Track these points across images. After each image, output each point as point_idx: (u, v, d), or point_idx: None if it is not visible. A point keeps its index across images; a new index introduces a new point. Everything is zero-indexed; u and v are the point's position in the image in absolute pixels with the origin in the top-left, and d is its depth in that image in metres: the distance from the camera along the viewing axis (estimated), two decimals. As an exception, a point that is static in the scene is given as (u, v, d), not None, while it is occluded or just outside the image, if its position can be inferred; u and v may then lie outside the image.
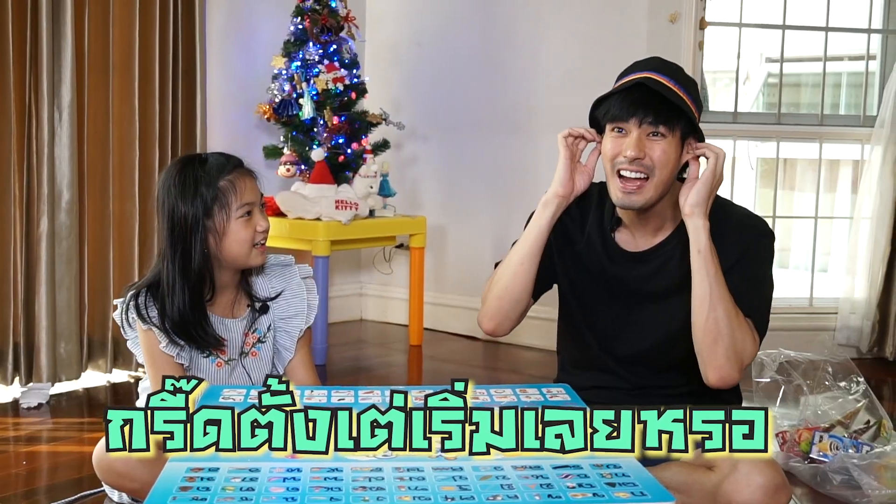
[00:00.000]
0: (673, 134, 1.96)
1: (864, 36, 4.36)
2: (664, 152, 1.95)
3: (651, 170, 1.95)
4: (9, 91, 3.32)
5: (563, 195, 2.06)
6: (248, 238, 2.11)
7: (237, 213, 2.10)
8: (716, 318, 1.90)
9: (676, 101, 1.94)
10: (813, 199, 4.53)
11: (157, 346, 2.07)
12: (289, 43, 4.20)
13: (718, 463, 1.86)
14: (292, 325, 2.25)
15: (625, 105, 1.96)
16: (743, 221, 2.08)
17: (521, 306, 2.13)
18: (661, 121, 1.94)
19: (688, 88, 2.00)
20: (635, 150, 1.93)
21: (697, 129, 1.99)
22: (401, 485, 1.36)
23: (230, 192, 2.09)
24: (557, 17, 4.34)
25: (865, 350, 4.22)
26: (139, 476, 1.91)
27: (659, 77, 1.97)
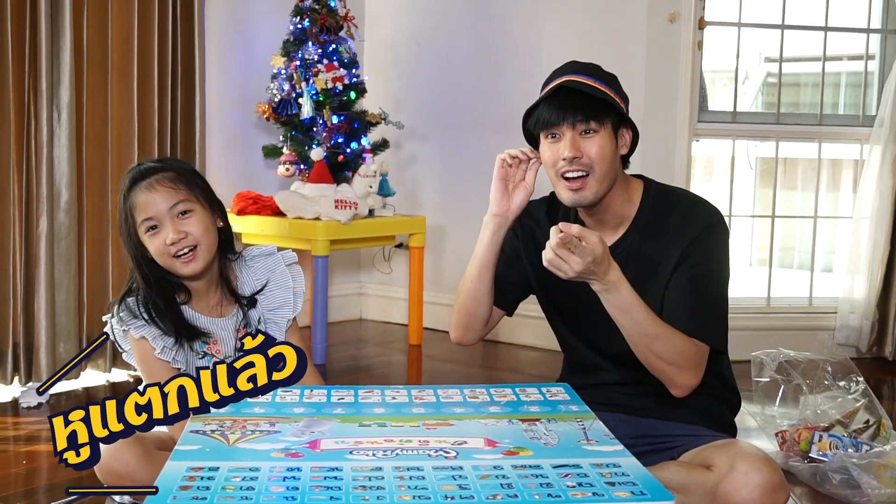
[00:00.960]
0: (604, 127, 2.00)
1: (864, 35, 4.36)
2: (599, 147, 2.00)
3: (590, 166, 2.00)
4: (8, 91, 3.32)
5: (499, 214, 2.12)
6: (160, 252, 2.10)
7: (142, 229, 2.10)
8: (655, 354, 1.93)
9: (600, 95, 1.99)
10: (812, 198, 4.53)
11: (151, 353, 2.08)
12: (288, 42, 4.20)
13: (717, 462, 1.86)
14: (280, 315, 2.26)
15: (552, 110, 2.01)
16: (685, 215, 2.07)
17: (480, 319, 2.20)
18: (590, 116, 1.99)
19: (609, 83, 2.05)
20: (571, 150, 1.99)
21: (627, 118, 2.05)
22: (401, 484, 1.36)
23: (133, 210, 2.10)
24: (556, 16, 4.34)
25: (865, 350, 4.22)
26: (140, 477, 1.91)
27: (578, 78, 2.03)
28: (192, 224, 2.11)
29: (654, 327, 1.91)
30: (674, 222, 2.05)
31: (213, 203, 2.19)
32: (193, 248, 2.10)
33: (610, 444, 1.56)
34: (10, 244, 3.38)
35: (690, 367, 1.94)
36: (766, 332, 4.16)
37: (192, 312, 2.17)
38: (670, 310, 1.98)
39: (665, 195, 2.12)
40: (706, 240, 2.04)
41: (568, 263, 1.83)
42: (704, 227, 2.04)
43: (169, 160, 2.23)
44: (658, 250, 2.04)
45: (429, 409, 1.74)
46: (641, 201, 2.11)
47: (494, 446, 1.53)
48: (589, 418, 1.70)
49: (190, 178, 2.16)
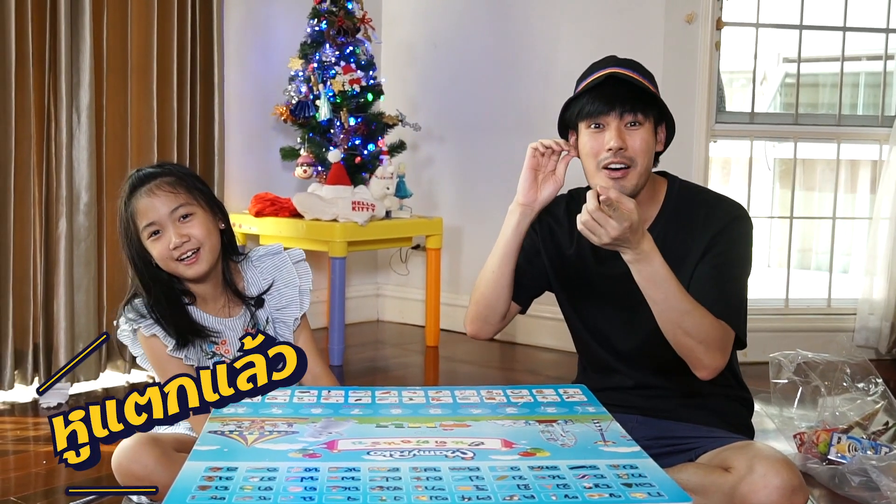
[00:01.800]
0: (649, 121, 2.02)
1: (883, 35, 4.33)
2: (643, 140, 2.01)
3: (633, 159, 2.00)
4: (28, 93, 3.35)
5: (525, 203, 2.09)
6: (163, 256, 2.11)
7: (145, 234, 2.11)
8: (685, 331, 1.90)
9: (645, 88, 2.01)
10: (831, 199, 4.51)
11: (163, 351, 2.09)
12: (305, 45, 4.22)
13: (735, 464, 1.85)
14: (287, 314, 2.26)
15: (601, 100, 2.00)
16: (712, 209, 2.08)
17: (498, 312, 2.18)
18: (637, 108, 2.00)
19: (649, 79, 2.08)
20: (617, 141, 1.98)
21: (668, 115, 2.06)
22: (418, 485, 1.36)
23: (135, 216, 2.11)
24: (573, 17, 4.33)
25: (884, 351, 4.20)
26: (158, 479, 1.91)
27: (623, 70, 2.04)
28: (194, 227, 2.12)
29: (685, 302, 1.89)
30: (698, 217, 2.07)
31: (213, 205, 2.20)
32: (196, 251, 2.12)
33: (627, 445, 1.56)
34: (30, 246, 3.40)
35: (717, 347, 1.92)
36: (785, 333, 4.14)
37: (201, 313, 2.18)
38: (697, 294, 1.96)
39: (689, 192, 2.13)
40: (730, 231, 2.04)
41: (604, 227, 1.81)
42: (729, 220, 2.05)
43: (167, 164, 2.23)
44: (683, 244, 2.04)
45: (446, 410, 1.74)
46: (665, 197, 2.12)
47: (511, 447, 1.53)
48: (606, 419, 1.69)
49: (190, 181, 2.17)
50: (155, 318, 2.12)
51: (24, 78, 3.34)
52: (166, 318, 2.12)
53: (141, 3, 3.68)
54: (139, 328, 2.12)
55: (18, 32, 3.30)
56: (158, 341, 2.10)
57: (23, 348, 3.42)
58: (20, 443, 2.95)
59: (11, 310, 3.35)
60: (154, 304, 2.13)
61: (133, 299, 2.16)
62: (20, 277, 3.38)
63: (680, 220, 2.07)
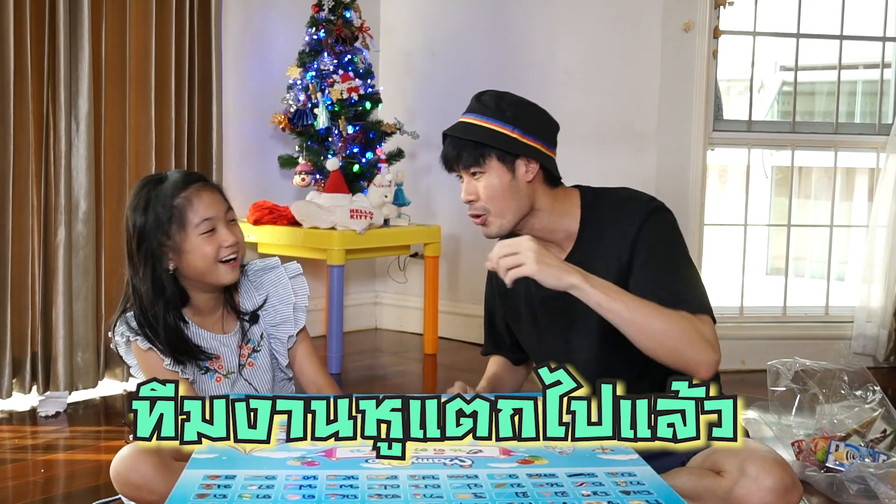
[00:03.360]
0: (488, 167, 2.03)
1: (879, 44, 4.35)
2: (486, 188, 2.03)
3: (485, 207, 2.04)
4: (27, 102, 3.35)
5: None
6: (211, 254, 2.06)
7: (197, 229, 2.06)
8: (664, 336, 1.86)
9: (469, 137, 2.02)
10: (828, 207, 4.51)
11: (159, 364, 2.07)
12: (304, 53, 4.23)
13: (727, 467, 1.85)
14: (281, 331, 2.23)
15: (442, 157, 2.09)
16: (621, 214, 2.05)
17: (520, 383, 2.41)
18: (471, 162, 2.03)
19: (499, 114, 2.03)
20: (465, 194, 2.07)
21: (523, 146, 2.02)
22: (416, 492, 1.36)
23: (187, 208, 2.05)
24: (571, 25, 4.35)
25: (882, 359, 4.20)
26: (157, 488, 1.90)
27: (467, 118, 2.07)
28: (238, 231, 2.13)
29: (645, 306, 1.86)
30: (611, 227, 2.04)
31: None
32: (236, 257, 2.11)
33: (625, 452, 1.56)
34: (28, 254, 3.40)
35: (699, 340, 1.87)
36: (782, 341, 4.15)
37: (196, 329, 2.15)
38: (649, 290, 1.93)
39: (599, 200, 2.09)
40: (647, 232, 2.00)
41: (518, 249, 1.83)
42: (641, 220, 2.01)
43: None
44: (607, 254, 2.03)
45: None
46: (582, 212, 2.10)
47: (510, 455, 1.54)
48: (604, 427, 1.69)
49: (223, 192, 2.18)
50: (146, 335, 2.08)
51: (23, 87, 3.34)
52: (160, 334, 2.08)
53: (139, 12, 3.68)
54: (136, 340, 2.10)
55: (17, 41, 3.31)
56: (154, 356, 2.08)
57: (21, 357, 3.41)
58: (18, 451, 2.94)
59: (10, 318, 3.35)
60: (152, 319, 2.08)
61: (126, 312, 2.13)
62: (19, 286, 3.38)
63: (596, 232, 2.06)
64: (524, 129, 2.04)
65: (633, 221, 2.02)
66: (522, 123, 2.04)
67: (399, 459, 1.40)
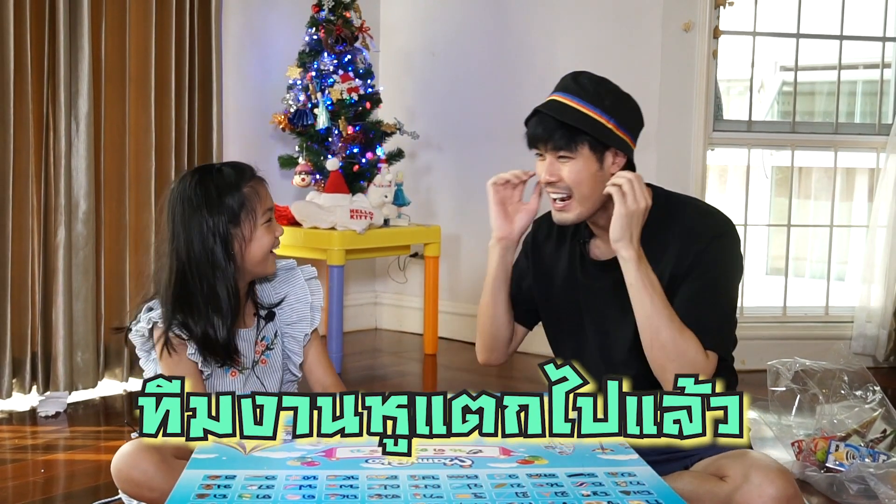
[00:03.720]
0: (578, 153, 2.00)
1: (879, 44, 4.35)
2: (573, 172, 2.00)
3: (569, 188, 2.01)
4: (27, 102, 3.35)
5: (502, 237, 2.18)
6: (270, 244, 2.13)
7: (262, 218, 2.12)
8: (661, 345, 1.91)
9: (570, 122, 1.98)
10: (828, 207, 4.51)
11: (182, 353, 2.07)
12: (304, 53, 4.23)
13: (730, 473, 1.85)
14: (297, 329, 2.26)
15: (530, 133, 2.05)
16: (694, 226, 2.05)
17: (502, 340, 2.27)
18: (562, 144, 2.00)
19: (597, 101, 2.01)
20: (547, 174, 2.02)
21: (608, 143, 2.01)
22: (416, 492, 1.36)
23: (255, 199, 2.11)
24: (571, 25, 4.35)
25: (882, 359, 4.20)
26: (158, 485, 1.91)
27: (563, 98, 2.03)
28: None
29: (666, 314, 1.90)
30: (681, 232, 2.03)
31: None
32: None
33: (625, 453, 1.56)
34: (28, 254, 3.40)
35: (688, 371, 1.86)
36: (782, 341, 4.15)
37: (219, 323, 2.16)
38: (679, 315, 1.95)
39: (674, 204, 2.09)
40: (713, 251, 2.01)
41: (641, 191, 1.92)
42: (711, 238, 2.02)
43: None
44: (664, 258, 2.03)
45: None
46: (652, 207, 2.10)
47: (510, 455, 1.54)
48: (604, 427, 1.69)
49: None
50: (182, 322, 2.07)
51: (23, 87, 3.34)
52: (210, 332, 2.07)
53: (139, 11, 3.68)
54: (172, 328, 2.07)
55: (17, 41, 3.31)
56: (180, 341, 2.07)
57: (21, 357, 3.41)
58: (18, 451, 2.94)
59: (10, 318, 3.35)
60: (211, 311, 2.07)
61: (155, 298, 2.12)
62: (19, 286, 3.38)
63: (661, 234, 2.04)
64: (619, 121, 2.03)
65: (706, 235, 2.02)
66: (619, 115, 2.03)
67: (405, 456, 1.40)
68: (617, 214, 1.94)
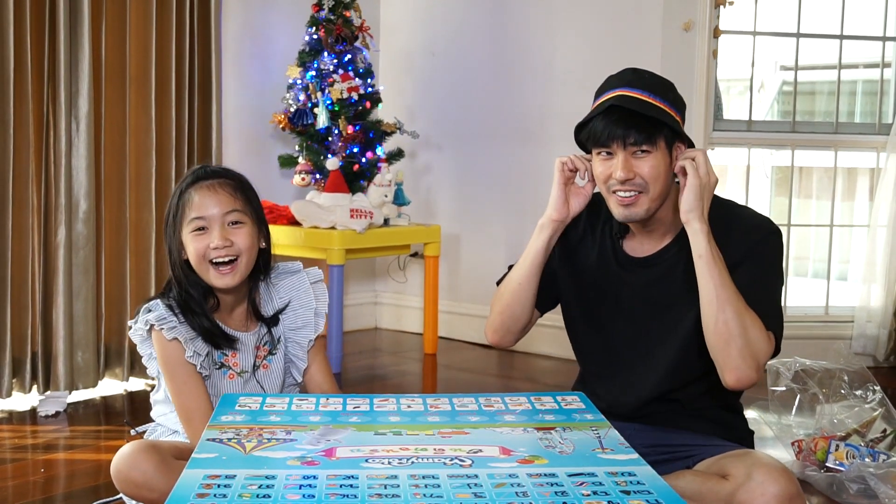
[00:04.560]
0: (657, 147, 1.97)
1: (880, 43, 4.35)
2: (653, 167, 1.97)
3: (644, 186, 1.98)
4: (27, 102, 3.35)
5: (558, 219, 2.12)
6: (198, 253, 2.07)
7: (188, 226, 2.08)
8: (725, 319, 1.89)
9: (654, 115, 1.95)
10: (828, 207, 4.51)
11: (179, 356, 2.07)
12: (303, 53, 4.23)
13: (733, 472, 1.85)
14: (301, 335, 2.24)
15: (605, 129, 1.97)
16: (748, 221, 2.06)
17: (521, 322, 2.21)
18: (643, 139, 1.96)
19: (664, 94, 2.01)
20: (624, 172, 1.96)
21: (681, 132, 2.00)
22: (416, 492, 1.36)
23: (187, 205, 2.08)
24: (571, 25, 4.35)
25: (882, 359, 4.20)
26: (157, 486, 1.91)
27: (632, 92, 1.99)
28: (240, 236, 2.10)
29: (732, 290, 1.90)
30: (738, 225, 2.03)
31: (261, 223, 2.19)
32: (234, 260, 2.09)
33: (625, 452, 1.56)
34: (28, 254, 3.40)
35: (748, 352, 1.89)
36: (783, 340, 4.14)
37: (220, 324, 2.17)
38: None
39: (716, 205, 2.06)
40: (770, 244, 2.02)
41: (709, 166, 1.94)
42: (770, 233, 2.03)
43: (232, 171, 2.22)
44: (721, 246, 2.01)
45: (444, 418, 1.75)
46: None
47: (509, 454, 1.54)
48: (604, 427, 1.70)
49: (249, 192, 2.17)
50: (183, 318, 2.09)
51: (23, 86, 3.34)
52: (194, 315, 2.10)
53: (139, 11, 3.68)
54: (163, 328, 2.09)
55: (17, 41, 3.31)
56: (178, 345, 2.08)
57: (21, 356, 3.41)
58: (18, 451, 2.94)
59: (10, 318, 3.35)
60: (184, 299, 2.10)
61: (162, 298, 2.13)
62: (19, 285, 3.38)
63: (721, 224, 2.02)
64: (682, 114, 2.03)
65: (760, 233, 2.02)
66: (680, 107, 2.04)
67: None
68: (690, 186, 1.92)
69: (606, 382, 2.18)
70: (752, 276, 1.98)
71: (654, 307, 2.08)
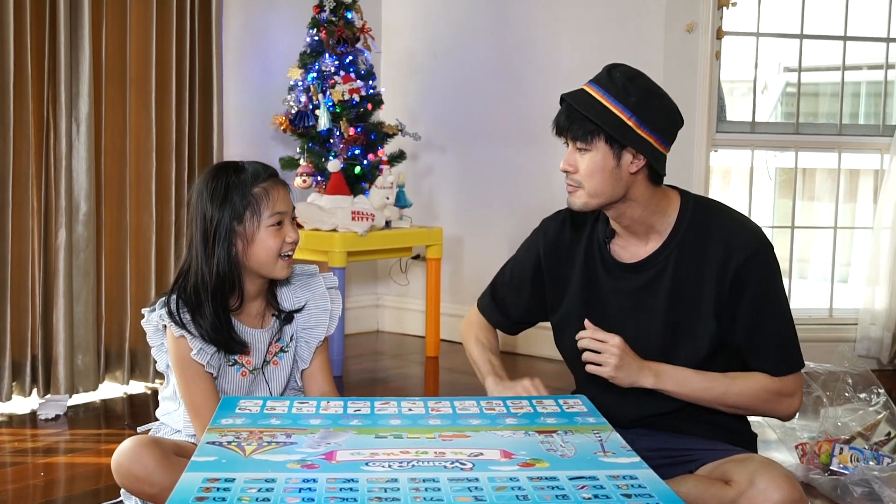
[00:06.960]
0: (594, 147, 1.97)
1: (883, 45, 4.34)
2: (587, 165, 1.99)
3: (579, 181, 2.00)
4: (27, 104, 3.35)
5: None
6: (276, 247, 2.12)
7: (268, 220, 2.11)
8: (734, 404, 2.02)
9: (591, 116, 1.96)
10: (832, 209, 4.50)
11: (187, 354, 2.07)
12: (305, 54, 4.22)
13: (735, 477, 1.84)
14: (313, 335, 2.26)
15: (556, 120, 2.03)
16: (732, 233, 2.02)
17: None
18: (580, 136, 1.98)
19: (624, 97, 1.97)
20: (563, 164, 2.03)
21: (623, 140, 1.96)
22: (416, 495, 1.35)
23: (263, 200, 2.11)
24: (574, 26, 4.34)
25: (886, 361, 4.19)
26: (157, 481, 1.93)
27: (591, 89, 2.00)
28: (297, 233, 2.18)
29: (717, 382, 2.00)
30: (716, 241, 2.01)
31: None
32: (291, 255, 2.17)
33: (627, 455, 1.55)
34: (29, 256, 3.40)
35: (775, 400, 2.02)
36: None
37: (234, 321, 2.17)
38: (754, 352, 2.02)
39: (706, 211, 2.06)
40: (760, 269, 2.00)
41: (603, 352, 1.96)
42: (752, 253, 1.99)
43: None
44: (697, 267, 2.00)
45: (445, 421, 1.74)
46: (679, 215, 2.06)
47: (511, 458, 1.53)
48: (606, 430, 1.69)
49: None
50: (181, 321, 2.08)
51: (23, 88, 3.34)
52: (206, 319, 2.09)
53: (140, 13, 3.68)
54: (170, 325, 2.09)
55: (17, 43, 3.30)
56: (185, 343, 2.08)
57: (21, 360, 3.41)
58: (18, 455, 2.94)
59: (10, 321, 3.35)
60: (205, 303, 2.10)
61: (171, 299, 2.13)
62: (19, 288, 3.38)
63: (694, 241, 2.02)
64: (643, 120, 1.98)
65: (745, 249, 1.99)
66: (644, 113, 1.98)
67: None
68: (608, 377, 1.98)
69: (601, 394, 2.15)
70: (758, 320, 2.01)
71: (642, 312, 2.06)
